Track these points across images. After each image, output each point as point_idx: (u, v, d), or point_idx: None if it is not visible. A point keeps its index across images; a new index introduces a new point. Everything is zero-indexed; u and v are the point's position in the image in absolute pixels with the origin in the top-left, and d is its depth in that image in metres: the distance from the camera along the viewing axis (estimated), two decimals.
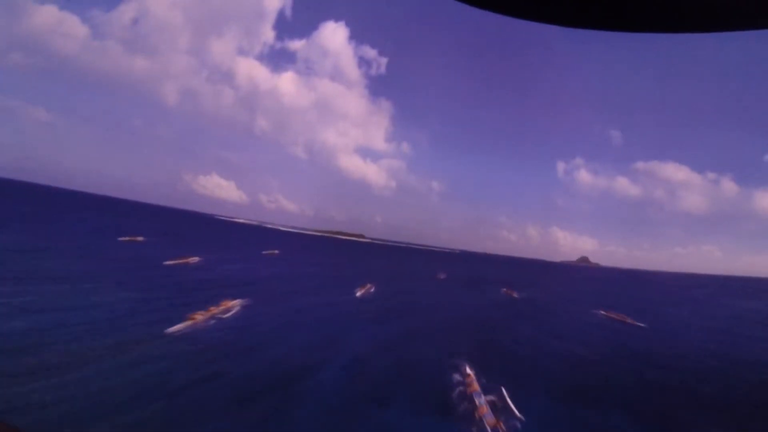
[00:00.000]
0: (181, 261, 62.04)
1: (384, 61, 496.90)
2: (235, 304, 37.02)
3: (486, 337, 36.82)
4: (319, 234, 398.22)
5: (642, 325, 48.90)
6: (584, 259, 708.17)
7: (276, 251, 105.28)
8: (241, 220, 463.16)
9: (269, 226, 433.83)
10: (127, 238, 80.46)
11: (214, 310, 33.86)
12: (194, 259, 65.39)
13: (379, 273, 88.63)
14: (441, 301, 56.45)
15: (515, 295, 71.99)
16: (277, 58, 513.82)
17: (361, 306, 45.10)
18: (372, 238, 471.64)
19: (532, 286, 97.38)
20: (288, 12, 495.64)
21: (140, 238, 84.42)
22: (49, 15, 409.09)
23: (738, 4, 1.27)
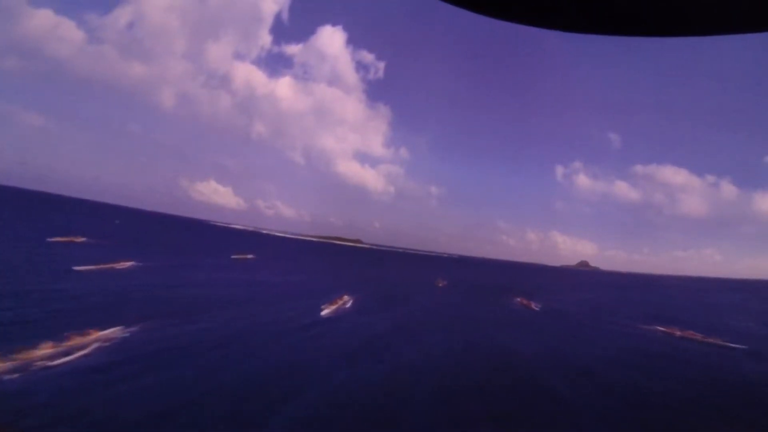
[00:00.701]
0: (104, 266, 47.28)
1: (382, 65, 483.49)
2: (100, 337, 21.90)
3: (533, 391, 21.60)
4: (315, 239, 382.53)
5: (742, 347, 33.92)
6: (584, 264, 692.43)
7: (250, 255, 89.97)
8: (237, 226, 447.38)
9: (265, 231, 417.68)
10: (60, 239, 65.73)
11: (42, 350, 18.83)
12: (125, 265, 50.45)
13: (368, 280, 73.47)
14: (441, 320, 41.18)
15: (534, 306, 56.74)
16: (275, 63, 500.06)
17: (320, 333, 29.66)
18: (370, 244, 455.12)
19: (547, 294, 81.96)
20: (285, 16, 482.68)
21: (80, 239, 69.80)
22: (44, 19, 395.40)
23: (736, 7, 1.26)
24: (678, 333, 39.74)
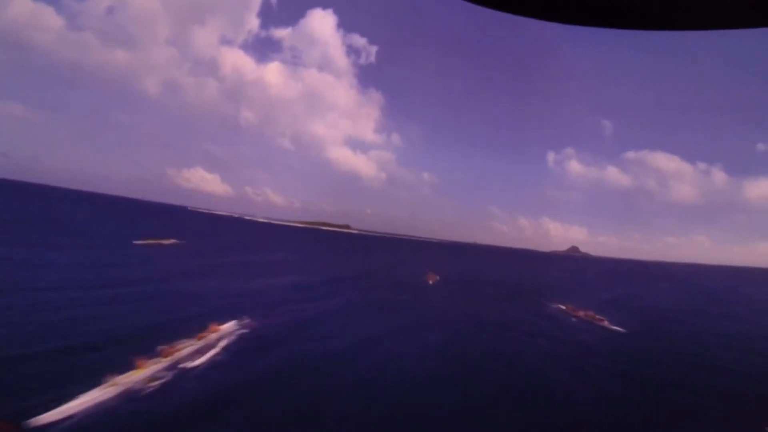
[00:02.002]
0: None
1: (373, 50, 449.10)
2: None
3: None
4: (301, 225, 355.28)
5: None
6: (574, 249, 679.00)
7: (171, 241, 63.12)
8: (222, 213, 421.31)
9: (248, 217, 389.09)
10: None
11: None
12: None
13: (329, 279, 47.59)
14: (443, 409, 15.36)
15: (606, 322, 31.25)
16: (263, 48, 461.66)
17: None
18: (359, 229, 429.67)
19: (586, 292, 57.48)
20: None
21: None
22: (22, 6, 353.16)
23: (729, 3, 1.28)
24: None
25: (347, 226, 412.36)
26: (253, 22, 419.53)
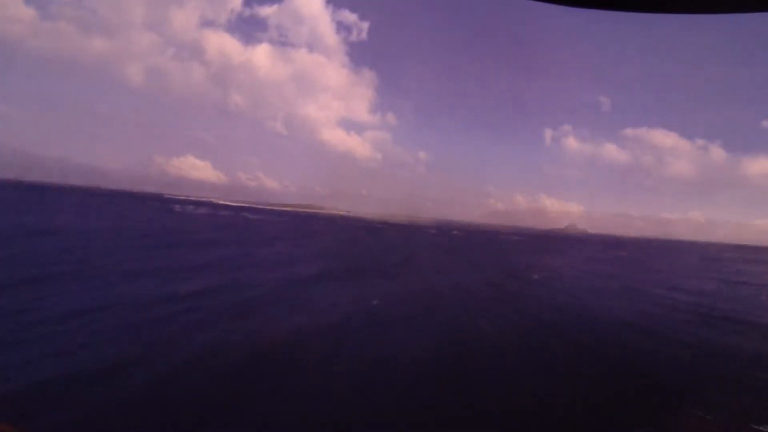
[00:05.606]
0: None
1: (365, 26, 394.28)
2: None
3: None
4: (286, 209, 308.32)
5: None
6: (572, 226, 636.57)
7: None
8: (209, 200, 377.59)
9: (222, 202, 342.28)
10: None
11: None
12: None
13: None
14: None
15: None
16: (247, 28, 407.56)
17: None
18: (347, 211, 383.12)
19: None
20: None
21: None
22: None
23: None
24: None
25: (334, 208, 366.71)
26: (235, 0, 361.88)
